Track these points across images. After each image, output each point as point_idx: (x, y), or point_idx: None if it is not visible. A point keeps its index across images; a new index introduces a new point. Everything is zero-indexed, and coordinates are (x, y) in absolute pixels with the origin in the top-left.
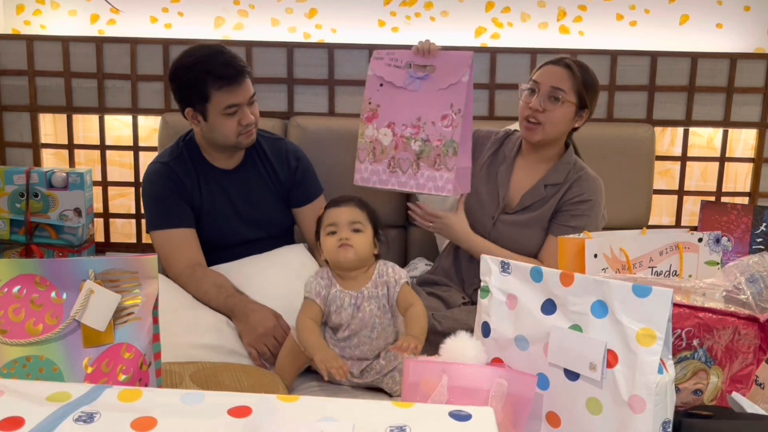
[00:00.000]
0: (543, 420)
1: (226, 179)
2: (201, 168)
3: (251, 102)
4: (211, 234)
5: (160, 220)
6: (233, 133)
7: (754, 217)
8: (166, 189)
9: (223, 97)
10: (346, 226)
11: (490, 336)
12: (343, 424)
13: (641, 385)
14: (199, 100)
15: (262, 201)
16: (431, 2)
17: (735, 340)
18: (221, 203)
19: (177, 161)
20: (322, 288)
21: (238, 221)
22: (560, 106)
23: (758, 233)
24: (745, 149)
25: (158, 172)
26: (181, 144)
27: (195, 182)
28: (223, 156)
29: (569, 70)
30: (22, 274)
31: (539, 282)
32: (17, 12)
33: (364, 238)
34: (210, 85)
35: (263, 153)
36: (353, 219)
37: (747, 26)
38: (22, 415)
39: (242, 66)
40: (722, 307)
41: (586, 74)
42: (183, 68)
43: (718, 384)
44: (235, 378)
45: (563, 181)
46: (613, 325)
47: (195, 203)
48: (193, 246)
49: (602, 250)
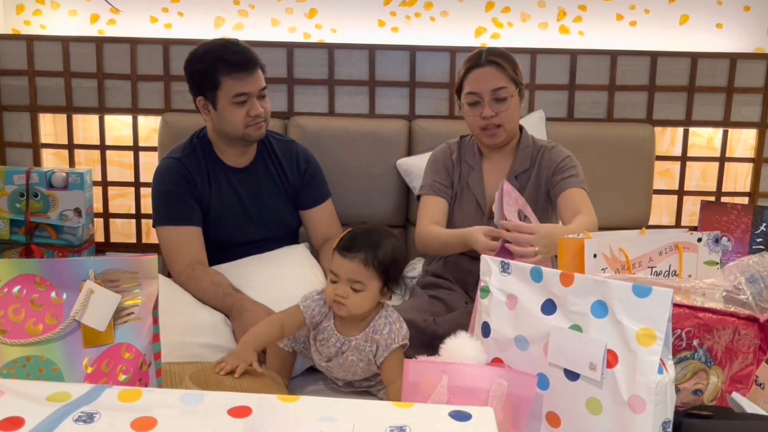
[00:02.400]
0: (543, 420)
1: (236, 177)
2: (212, 165)
3: (262, 95)
4: (218, 232)
5: (167, 215)
6: (241, 123)
7: (754, 217)
8: (176, 185)
9: (233, 84)
10: (346, 282)
11: (490, 336)
12: (343, 424)
13: (641, 385)
14: (210, 88)
15: (270, 201)
16: (431, 2)
17: (735, 340)
18: (230, 201)
19: (189, 157)
20: (317, 313)
21: (245, 220)
22: (508, 102)
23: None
24: (745, 149)
25: (170, 167)
26: (194, 140)
27: (205, 179)
28: (234, 152)
29: (495, 65)
30: (22, 274)
31: (539, 282)
32: (17, 12)
33: (362, 298)
34: (220, 71)
35: (274, 153)
36: (354, 277)
37: (747, 26)
38: (22, 415)
39: (254, 57)
40: (722, 307)
41: (508, 59)
42: (197, 56)
43: (718, 384)
44: (235, 378)
45: (531, 165)
46: (613, 325)
47: (204, 200)
48: (196, 244)
49: (602, 250)
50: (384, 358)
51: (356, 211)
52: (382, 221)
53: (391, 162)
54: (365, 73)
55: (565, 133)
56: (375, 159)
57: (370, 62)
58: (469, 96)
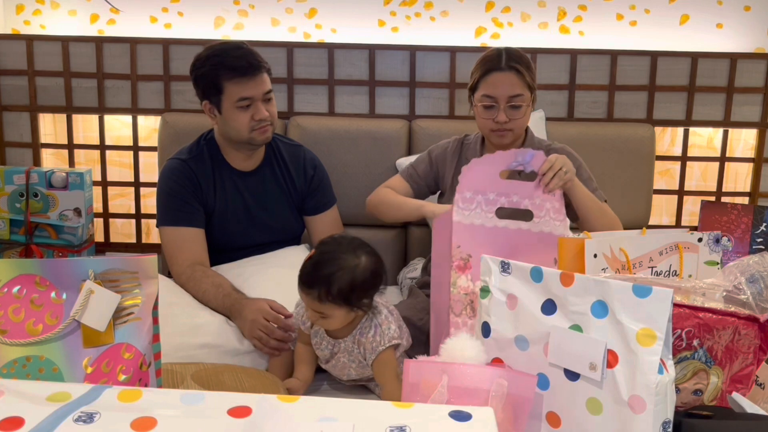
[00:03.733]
0: (543, 420)
1: (242, 181)
2: (218, 167)
3: (267, 99)
4: (222, 235)
5: (170, 216)
6: (246, 127)
7: (754, 217)
8: (181, 186)
9: (236, 89)
10: (311, 311)
11: (490, 336)
12: (343, 424)
13: (641, 385)
14: (215, 92)
15: (275, 205)
16: (431, 2)
17: (735, 340)
18: (234, 204)
19: (195, 159)
20: (307, 319)
21: (249, 224)
22: (523, 110)
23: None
24: (745, 149)
25: (175, 168)
26: (202, 142)
27: (210, 181)
28: (241, 156)
29: (515, 72)
30: (22, 274)
31: (539, 282)
32: (17, 12)
33: (330, 322)
34: (223, 76)
35: (281, 158)
36: (316, 309)
37: (747, 26)
38: (22, 415)
39: (258, 61)
40: (722, 307)
41: (527, 64)
42: (201, 60)
43: (718, 384)
44: (236, 378)
45: None
46: (613, 325)
47: (208, 203)
48: (198, 246)
49: (602, 249)
50: (373, 360)
51: (356, 211)
52: (382, 221)
53: (391, 162)
54: (365, 73)
55: (565, 133)
56: (375, 159)
57: (370, 62)
58: (484, 99)
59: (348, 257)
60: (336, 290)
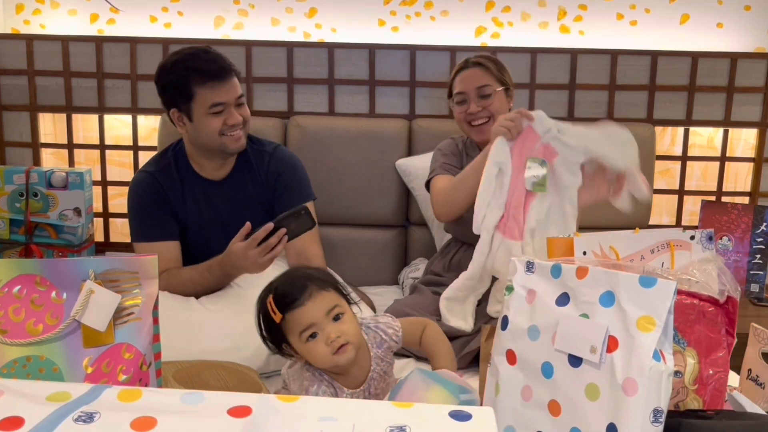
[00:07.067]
0: (545, 409)
1: (213, 190)
2: (187, 179)
3: (240, 103)
4: (199, 243)
5: (142, 232)
6: (217, 133)
7: (754, 217)
8: (149, 202)
9: (208, 95)
10: (325, 320)
11: (507, 328)
12: (343, 424)
13: (635, 367)
14: (184, 99)
15: (248, 214)
16: (431, 2)
17: (702, 323)
18: (208, 214)
19: (163, 172)
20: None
21: (225, 232)
22: (493, 97)
23: (758, 233)
24: (745, 149)
25: (143, 182)
26: (170, 153)
27: (179, 194)
28: (213, 165)
29: (481, 66)
30: (22, 274)
31: (557, 278)
32: (17, 11)
33: (349, 320)
34: (193, 82)
35: (249, 163)
36: (328, 307)
37: (747, 26)
38: (22, 415)
39: (228, 64)
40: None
41: (493, 61)
42: (167, 67)
43: (696, 365)
44: (218, 376)
45: None
46: (617, 313)
47: (179, 215)
48: (173, 258)
49: (591, 247)
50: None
51: (356, 211)
52: (382, 221)
53: (391, 162)
54: (365, 73)
55: None
56: (375, 159)
57: (370, 62)
58: (457, 96)
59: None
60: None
